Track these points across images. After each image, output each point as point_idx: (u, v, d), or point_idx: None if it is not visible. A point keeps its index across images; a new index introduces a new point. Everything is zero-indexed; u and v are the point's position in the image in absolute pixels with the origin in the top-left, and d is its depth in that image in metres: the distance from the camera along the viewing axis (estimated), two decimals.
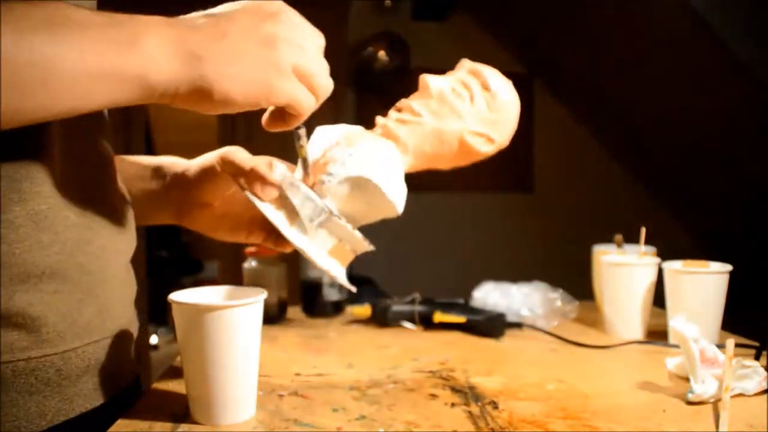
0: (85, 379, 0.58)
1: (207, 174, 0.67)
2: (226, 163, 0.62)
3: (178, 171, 0.70)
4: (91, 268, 0.58)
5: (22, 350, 0.52)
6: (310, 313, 1.11)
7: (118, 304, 0.63)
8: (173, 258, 4.60)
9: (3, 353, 0.51)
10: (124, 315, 0.65)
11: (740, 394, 0.65)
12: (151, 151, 4.03)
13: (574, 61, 3.42)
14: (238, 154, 0.61)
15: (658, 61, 2.84)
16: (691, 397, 0.64)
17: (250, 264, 1.06)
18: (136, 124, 3.22)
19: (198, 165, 0.69)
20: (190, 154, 0.74)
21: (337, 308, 1.12)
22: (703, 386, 0.64)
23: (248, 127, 3.06)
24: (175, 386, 0.70)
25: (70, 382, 0.56)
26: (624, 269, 0.95)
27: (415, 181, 0.65)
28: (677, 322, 0.69)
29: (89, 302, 0.57)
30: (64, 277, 0.54)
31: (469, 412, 0.62)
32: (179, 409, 0.62)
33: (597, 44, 3.12)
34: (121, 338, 0.63)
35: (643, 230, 0.94)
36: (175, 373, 0.73)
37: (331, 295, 1.11)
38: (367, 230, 0.60)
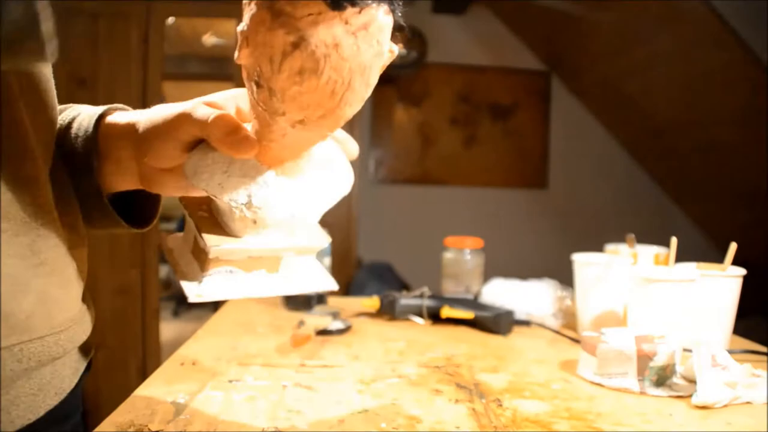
0: (20, 384, 0.43)
1: (160, 135, 0.47)
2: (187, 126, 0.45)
3: (121, 122, 0.51)
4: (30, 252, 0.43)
5: None
6: (288, 307, 1.12)
7: (63, 296, 0.47)
8: None
9: None
10: (71, 309, 0.48)
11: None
12: None
13: (593, 57, 3.38)
14: (199, 111, 0.45)
15: (677, 59, 2.80)
16: (696, 400, 0.64)
17: None
18: None
19: (148, 122, 0.48)
20: None
21: (307, 304, 1.10)
22: (710, 390, 0.64)
23: None
24: (178, 373, 0.70)
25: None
26: (661, 285, 0.82)
27: (430, 175, 0.64)
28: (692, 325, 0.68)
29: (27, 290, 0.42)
30: None
31: (473, 409, 0.62)
32: (180, 396, 0.62)
33: (616, 40, 3.08)
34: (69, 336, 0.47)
35: (674, 241, 0.85)
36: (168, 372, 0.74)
37: None
38: (386, 215, 0.58)
